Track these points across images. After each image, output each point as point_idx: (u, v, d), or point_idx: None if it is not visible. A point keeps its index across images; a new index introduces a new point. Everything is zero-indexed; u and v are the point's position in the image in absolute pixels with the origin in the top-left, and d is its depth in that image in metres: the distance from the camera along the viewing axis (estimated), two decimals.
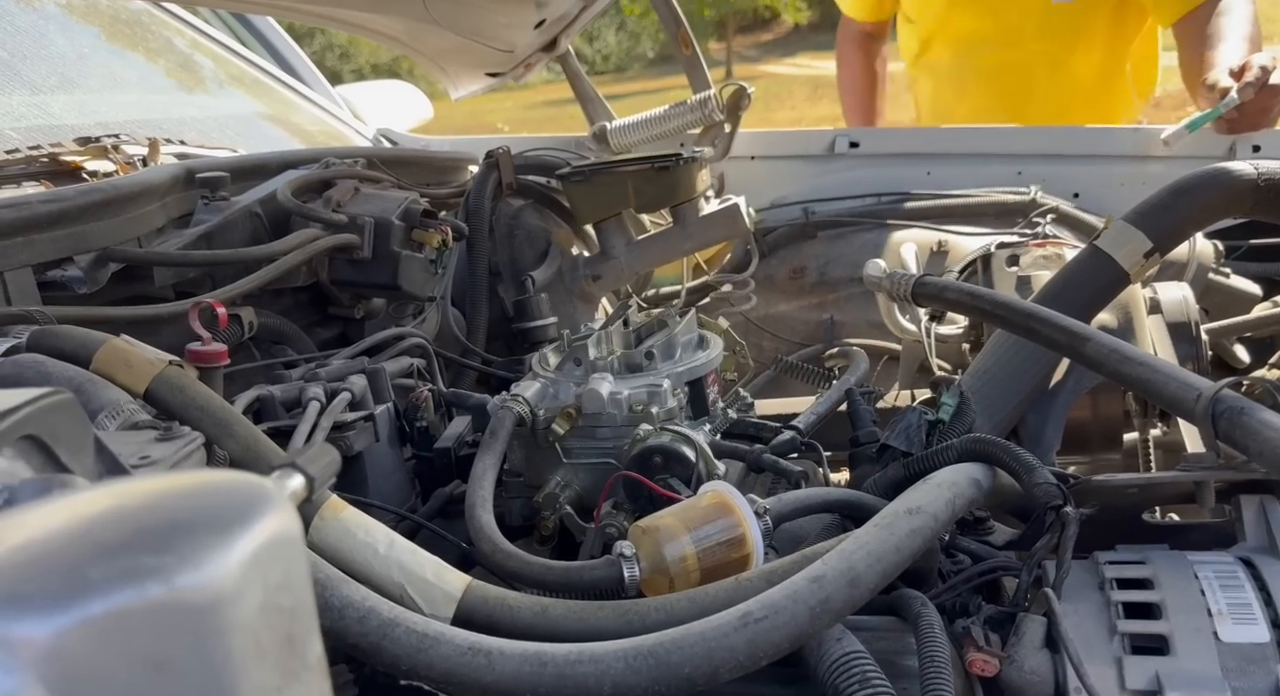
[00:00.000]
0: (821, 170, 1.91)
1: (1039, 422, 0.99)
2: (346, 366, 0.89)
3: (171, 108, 1.78)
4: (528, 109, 16.10)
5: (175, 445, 0.52)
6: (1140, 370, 0.70)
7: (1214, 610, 0.58)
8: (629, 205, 1.45)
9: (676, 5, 1.83)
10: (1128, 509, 0.69)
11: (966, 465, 0.68)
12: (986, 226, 1.62)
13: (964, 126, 1.97)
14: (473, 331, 1.30)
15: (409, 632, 0.51)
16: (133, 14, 1.88)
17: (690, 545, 0.60)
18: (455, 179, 1.62)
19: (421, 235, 1.11)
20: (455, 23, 1.46)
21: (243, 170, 1.17)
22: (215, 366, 0.72)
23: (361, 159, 1.28)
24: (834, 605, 0.52)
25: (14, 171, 1.12)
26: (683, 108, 1.84)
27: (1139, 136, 1.75)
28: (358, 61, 19.09)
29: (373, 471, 0.84)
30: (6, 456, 0.38)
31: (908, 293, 0.97)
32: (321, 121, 2.05)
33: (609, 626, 0.56)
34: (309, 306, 1.14)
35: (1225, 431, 0.62)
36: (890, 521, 0.58)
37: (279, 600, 0.28)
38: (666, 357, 0.88)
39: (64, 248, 0.86)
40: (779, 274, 1.73)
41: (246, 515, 0.28)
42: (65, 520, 0.28)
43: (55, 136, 1.27)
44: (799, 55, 22.52)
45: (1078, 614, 0.60)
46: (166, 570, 0.25)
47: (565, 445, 0.82)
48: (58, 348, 0.63)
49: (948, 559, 0.70)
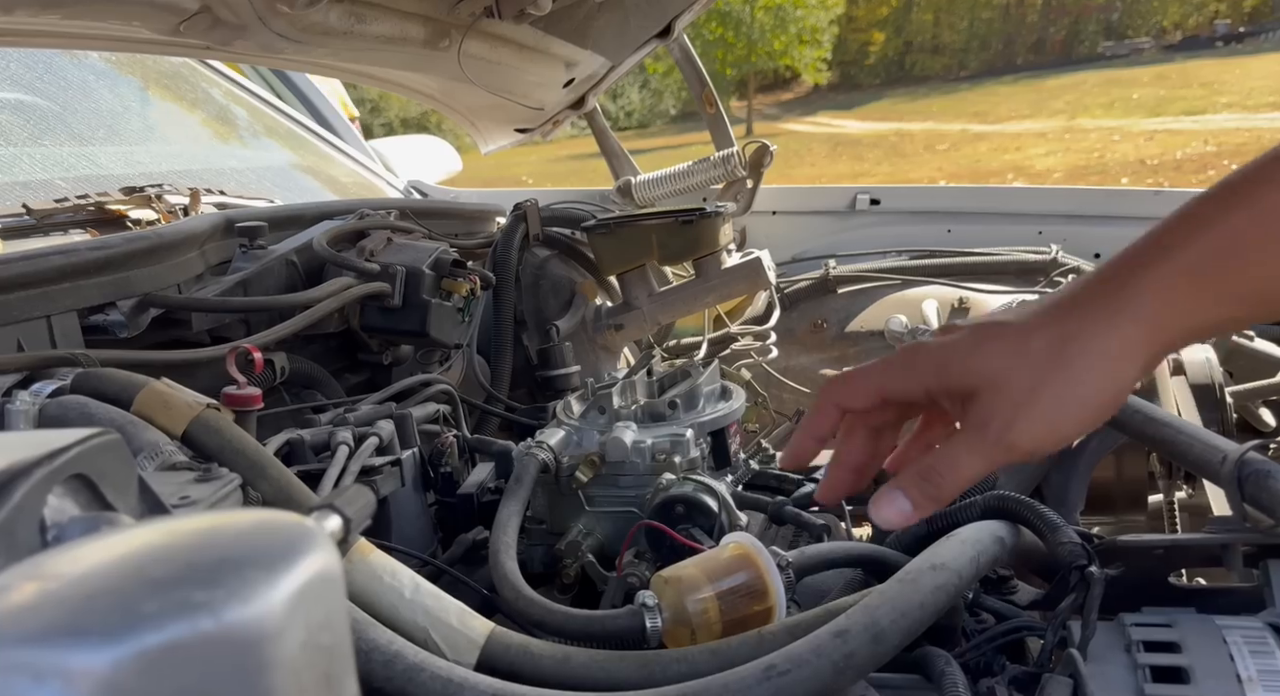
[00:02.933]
0: (842, 226, 1.93)
1: (1063, 481, 0.98)
2: (375, 411, 0.90)
3: (211, 159, 1.84)
4: (552, 162, 16.40)
5: (214, 486, 0.53)
6: (1165, 431, 0.70)
7: (1243, 676, 0.57)
8: (652, 257, 1.47)
9: (701, 66, 1.88)
10: (1153, 570, 0.69)
11: (990, 522, 0.68)
12: (1008, 285, 1.63)
13: (985, 186, 1.99)
14: (497, 378, 1.32)
15: (434, 677, 0.51)
16: (172, 66, 1.96)
17: (713, 597, 0.60)
18: (483, 230, 1.65)
19: (451, 284, 1.13)
20: (488, 81, 1.51)
21: (280, 220, 1.20)
22: (250, 410, 0.74)
23: (394, 210, 1.31)
24: (858, 660, 0.52)
25: (62, 219, 1.16)
26: (706, 163, 1.88)
27: (1159, 199, 1.77)
28: (388, 115, 19.60)
29: (397, 516, 0.85)
30: (56, 494, 0.40)
31: None
32: (355, 173, 2.10)
33: (630, 677, 0.56)
34: (339, 352, 1.17)
35: (1251, 494, 0.62)
36: (914, 577, 0.58)
37: (320, 638, 0.29)
38: (689, 407, 0.89)
39: (108, 293, 0.89)
40: (800, 327, 1.75)
41: (291, 553, 0.29)
42: (118, 555, 0.29)
43: (101, 186, 1.32)
44: (819, 114, 22.88)
45: (1104, 676, 0.59)
46: (216, 604, 0.26)
47: (588, 493, 0.83)
48: (101, 390, 0.65)
49: (971, 617, 0.70)
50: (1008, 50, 28.60)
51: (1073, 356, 0.47)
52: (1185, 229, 0.48)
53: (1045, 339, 0.48)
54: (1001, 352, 0.49)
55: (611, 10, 1.52)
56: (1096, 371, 0.47)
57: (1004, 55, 28.36)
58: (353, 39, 1.17)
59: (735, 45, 21.94)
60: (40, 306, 0.84)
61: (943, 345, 0.51)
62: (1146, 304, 0.47)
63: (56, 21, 0.95)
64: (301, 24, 1.08)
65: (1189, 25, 26.73)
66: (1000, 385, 0.49)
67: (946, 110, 19.56)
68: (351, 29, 1.14)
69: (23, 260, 0.83)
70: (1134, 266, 0.48)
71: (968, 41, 28.96)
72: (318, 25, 1.10)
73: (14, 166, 1.39)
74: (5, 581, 0.25)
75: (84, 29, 1.01)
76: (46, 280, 0.84)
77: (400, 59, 1.35)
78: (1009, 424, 0.48)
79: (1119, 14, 27.37)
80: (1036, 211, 1.82)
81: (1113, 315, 0.47)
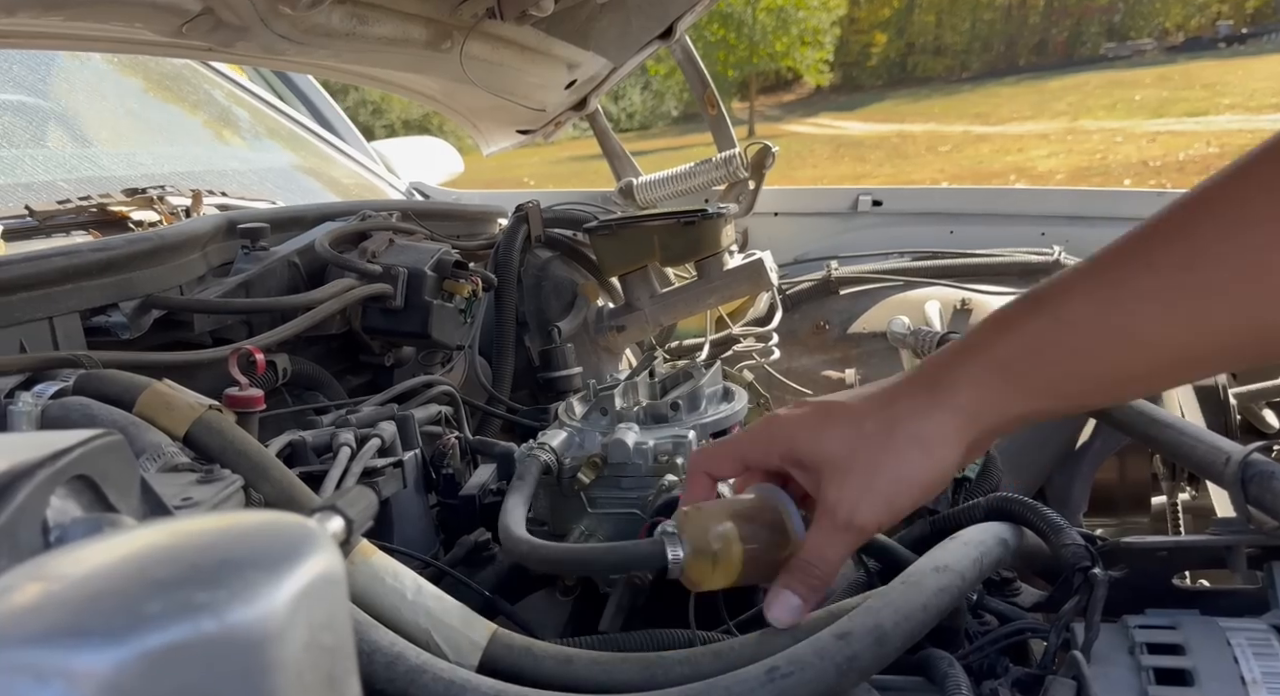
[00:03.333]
0: (844, 227, 1.93)
1: (1066, 483, 0.98)
2: (376, 413, 0.90)
3: (213, 160, 1.84)
4: (553, 164, 16.42)
5: (216, 487, 0.53)
6: (1168, 432, 0.70)
7: (1248, 678, 0.57)
8: (654, 258, 1.47)
9: (703, 67, 1.89)
10: (1157, 572, 0.68)
11: (993, 524, 0.67)
12: (1010, 286, 1.63)
13: (987, 187, 1.99)
14: (498, 380, 1.32)
15: (436, 679, 0.51)
16: (174, 68, 1.96)
17: (734, 527, 0.59)
18: (485, 231, 1.66)
19: (452, 285, 1.13)
20: (490, 83, 1.51)
21: (282, 221, 1.20)
22: (252, 411, 0.74)
23: (396, 211, 1.31)
24: (861, 662, 0.52)
25: (64, 220, 1.16)
26: (708, 165, 1.88)
27: (1162, 200, 1.76)
28: (389, 117, 19.64)
29: (399, 517, 0.85)
30: (59, 496, 0.40)
31: (932, 349, 0.97)
32: (356, 175, 2.11)
33: (633, 678, 0.56)
34: (340, 354, 1.17)
35: (1255, 496, 0.62)
36: (918, 579, 0.58)
37: (322, 639, 0.29)
38: (692, 409, 0.89)
39: (110, 294, 0.89)
40: (802, 328, 1.75)
41: (294, 555, 0.29)
42: (121, 556, 0.29)
43: (104, 187, 1.32)
44: (820, 115, 22.90)
45: (1107, 678, 0.59)
46: (219, 605, 0.26)
47: (590, 494, 0.83)
48: (103, 391, 0.65)
49: (974, 619, 0.69)
50: (1010, 51, 28.60)
51: (899, 440, 0.53)
52: (996, 331, 0.54)
53: (876, 423, 0.54)
54: (840, 437, 0.55)
55: (613, 12, 1.52)
56: (919, 453, 0.53)
57: (1006, 56, 28.37)
58: (355, 40, 1.17)
59: (737, 47, 21.96)
60: (43, 308, 0.84)
61: (792, 421, 0.58)
62: (959, 395, 0.53)
63: (59, 23, 0.95)
64: (304, 26, 1.08)
65: (1191, 26, 26.73)
66: (841, 467, 0.54)
67: (948, 111, 19.57)
68: (353, 31, 1.14)
69: (25, 261, 0.83)
70: (952, 363, 0.54)
71: (970, 43, 28.97)
72: (320, 27, 1.10)
73: (16, 168, 1.39)
74: (8, 582, 0.25)
75: (86, 31, 1.01)
76: (49, 281, 0.84)
77: (402, 60, 1.35)
78: (854, 506, 0.54)
79: (1121, 15, 27.37)
80: (1039, 213, 1.81)
81: (930, 406, 0.53)
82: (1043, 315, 0.52)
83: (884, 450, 0.54)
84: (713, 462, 0.61)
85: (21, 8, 0.88)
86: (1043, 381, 0.52)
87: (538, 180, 12.22)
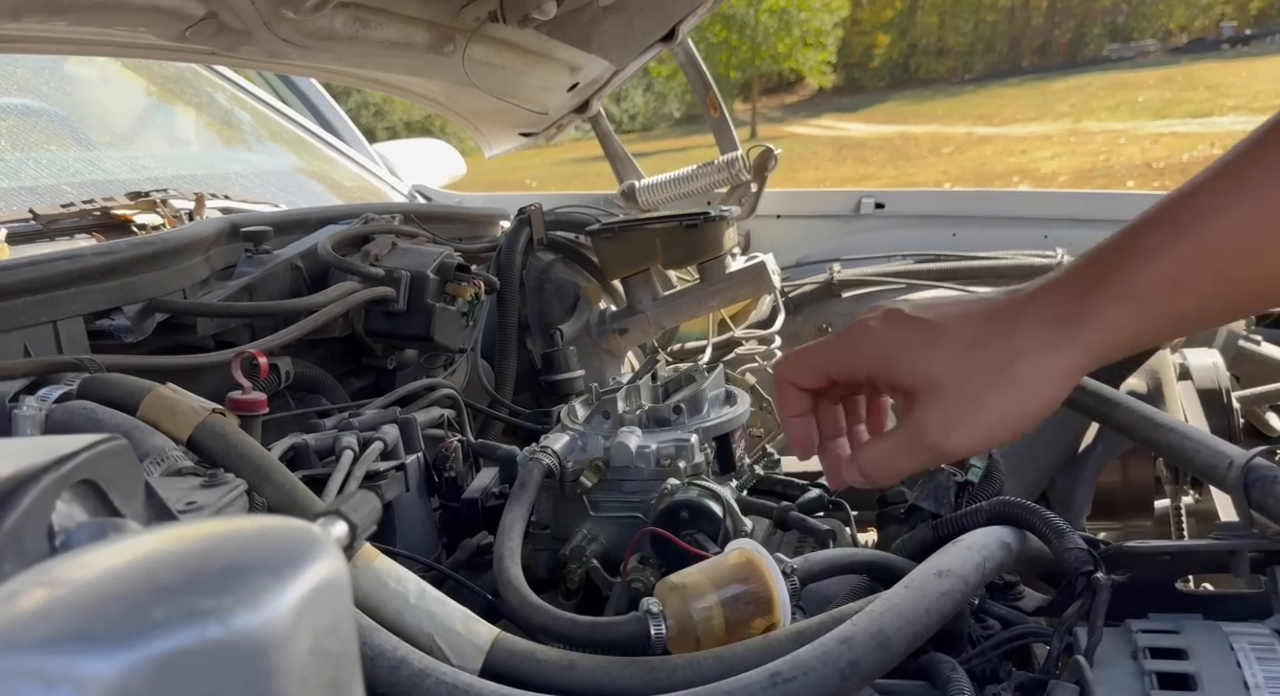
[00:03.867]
0: (847, 230, 1.93)
1: (1068, 486, 0.98)
2: (379, 416, 0.90)
3: (216, 163, 1.85)
4: (555, 166, 16.42)
5: (220, 491, 0.53)
6: (1171, 436, 0.70)
7: (1251, 683, 0.57)
8: (657, 261, 1.47)
9: (705, 69, 1.89)
10: (1160, 576, 0.68)
11: (996, 528, 0.67)
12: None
13: (990, 189, 1.99)
14: (501, 383, 1.32)
15: (439, 684, 0.51)
16: (177, 71, 1.97)
17: (717, 604, 0.60)
18: (487, 234, 1.66)
19: (455, 288, 1.13)
20: (492, 86, 1.51)
21: (285, 224, 1.21)
22: (255, 414, 0.74)
23: (398, 214, 1.32)
24: (863, 667, 0.52)
25: (68, 224, 1.16)
26: (710, 167, 1.88)
27: None
28: (391, 119, 19.67)
29: (401, 521, 0.85)
30: (64, 500, 0.40)
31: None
32: (359, 177, 2.11)
33: (635, 683, 0.56)
34: (343, 357, 1.17)
35: (1258, 500, 0.62)
36: (920, 583, 0.58)
37: (327, 645, 0.29)
38: (694, 412, 0.89)
39: (114, 298, 0.90)
40: (804, 331, 1.75)
41: (298, 560, 0.29)
42: (126, 561, 0.29)
43: (107, 191, 1.32)
44: (823, 117, 22.90)
45: (1110, 682, 0.59)
46: (224, 611, 0.26)
47: (593, 498, 0.83)
48: (106, 395, 0.66)
49: (977, 623, 0.69)
50: (1013, 53, 28.59)
51: (1021, 374, 0.50)
52: (1135, 256, 0.50)
53: (994, 353, 0.51)
54: (949, 360, 0.51)
55: (616, 14, 1.52)
56: (1033, 388, 0.50)
57: (1009, 58, 28.36)
58: (357, 44, 1.17)
59: (739, 48, 21.96)
60: (46, 311, 0.84)
61: (888, 337, 0.54)
62: (1091, 331, 0.50)
63: (63, 27, 0.95)
64: (306, 29, 1.08)
65: (1195, 28, 26.71)
66: (944, 392, 0.51)
67: (951, 113, 19.56)
68: (356, 34, 1.14)
69: (29, 266, 0.84)
70: (1085, 292, 0.51)
71: (972, 44, 28.96)
72: (323, 30, 1.10)
73: (20, 172, 1.39)
74: (14, 588, 0.25)
75: (90, 35, 1.01)
76: (53, 285, 0.84)
77: (405, 64, 1.35)
78: (946, 431, 0.51)
79: (1124, 16, 27.36)
80: (1042, 215, 1.81)
81: (1060, 339, 0.50)
82: (1186, 239, 0.48)
83: (994, 383, 0.50)
84: (798, 373, 0.58)
85: (26, 12, 0.88)
86: (1182, 312, 0.50)
87: (540, 182, 12.23)
